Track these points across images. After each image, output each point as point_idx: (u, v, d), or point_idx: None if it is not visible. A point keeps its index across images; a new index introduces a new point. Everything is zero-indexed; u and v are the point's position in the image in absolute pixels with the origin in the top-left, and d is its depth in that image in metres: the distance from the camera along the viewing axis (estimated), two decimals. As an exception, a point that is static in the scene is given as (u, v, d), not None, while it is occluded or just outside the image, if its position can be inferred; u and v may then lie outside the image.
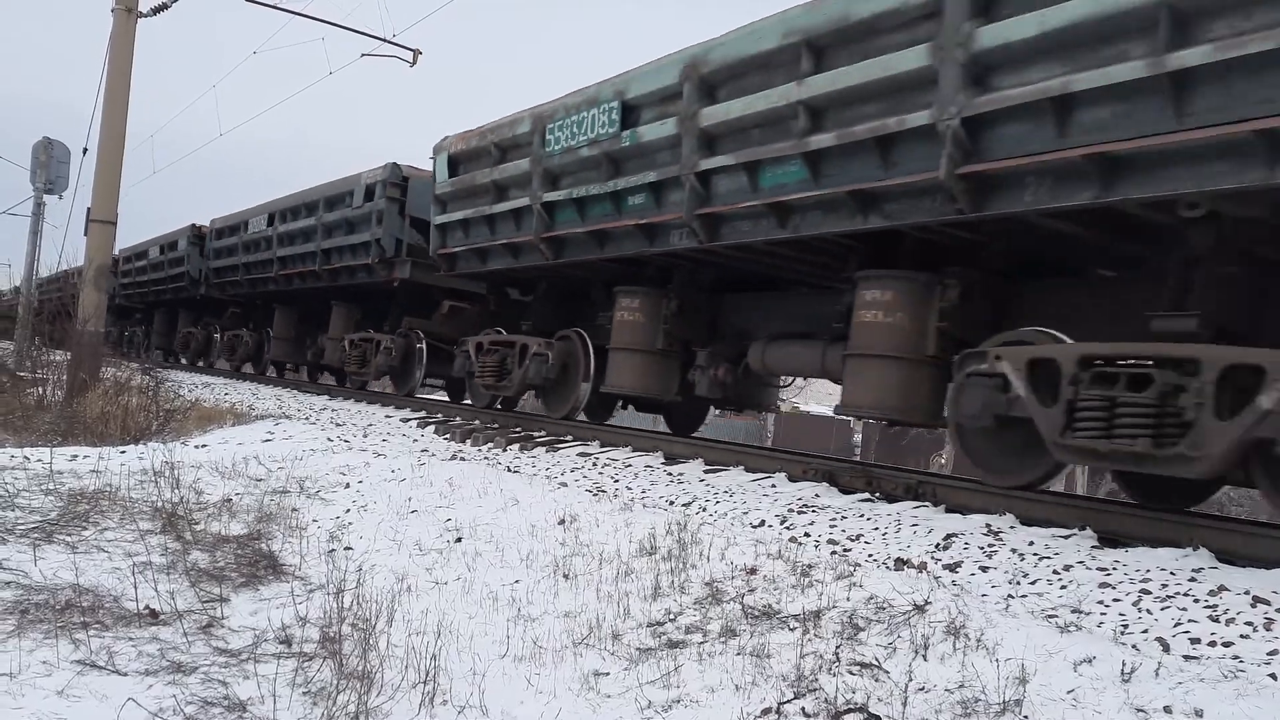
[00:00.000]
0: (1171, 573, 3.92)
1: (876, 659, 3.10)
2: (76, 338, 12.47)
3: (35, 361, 14.12)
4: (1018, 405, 5.09)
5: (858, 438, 27.17)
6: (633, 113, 7.79)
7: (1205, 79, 4.17)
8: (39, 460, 5.94)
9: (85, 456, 6.32)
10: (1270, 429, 4.00)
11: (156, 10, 13.37)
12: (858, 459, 15.51)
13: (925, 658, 3.07)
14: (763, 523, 5.23)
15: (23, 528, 4.52)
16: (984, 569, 4.22)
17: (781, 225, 6.50)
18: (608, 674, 3.31)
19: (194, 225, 20.47)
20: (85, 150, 14.45)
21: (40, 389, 11.69)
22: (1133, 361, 4.62)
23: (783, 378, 9.07)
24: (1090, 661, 2.91)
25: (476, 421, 10.24)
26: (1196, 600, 3.60)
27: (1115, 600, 3.70)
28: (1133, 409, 4.48)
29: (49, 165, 17.15)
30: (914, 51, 5.37)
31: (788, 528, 5.08)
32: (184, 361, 22.69)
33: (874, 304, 6.24)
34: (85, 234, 12.91)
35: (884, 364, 6.18)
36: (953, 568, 4.26)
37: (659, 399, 9.35)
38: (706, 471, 6.84)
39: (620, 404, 10.84)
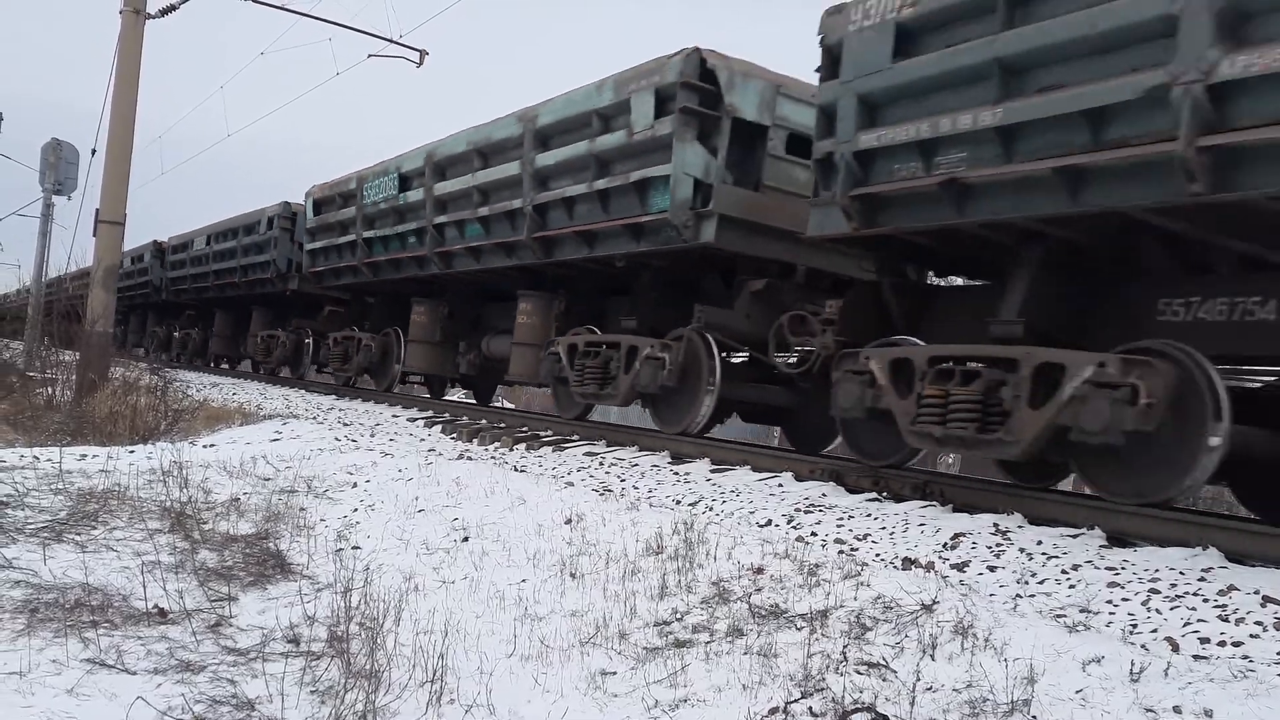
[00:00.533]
0: (1181, 572, 3.90)
1: (884, 658, 3.10)
2: (85, 338, 12.51)
3: (44, 361, 14.17)
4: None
5: None
6: (406, 181, 12.21)
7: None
8: (48, 460, 5.97)
9: (94, 456, 6.34)
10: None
11: (164, 12, 13.42)
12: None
13: (933, 657, 3.06)
14: (770, 522, 5.22)
15: (32, 527, 4.54)
16: (992, 568, 4.21)
17: (475, 260, 10.85)
18: (614, 673, 3.31)
19: (155, 241, 24.29)
20: (94, 151, 14.56)
21: (49, 389, 11.74)
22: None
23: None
24: (1099, 661, 2.90)
25: (483, 421, 10.26)
26: (1206, 600, 3.59)
27: (1124, 600, 3.68)
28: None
29: (58, 166, 17.22)
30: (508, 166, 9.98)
31: (795, 527, 5.08)
32: (149, 354, 25.56)
33: (524, 311, 10.42)
34: (94, 235, 12.95)
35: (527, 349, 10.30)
36: (960, 567, 4.25)
37: (441, 374, 13.85)
38: (713, 471, 6.84)
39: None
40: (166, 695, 2.90)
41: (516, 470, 6.83)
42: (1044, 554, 4.31)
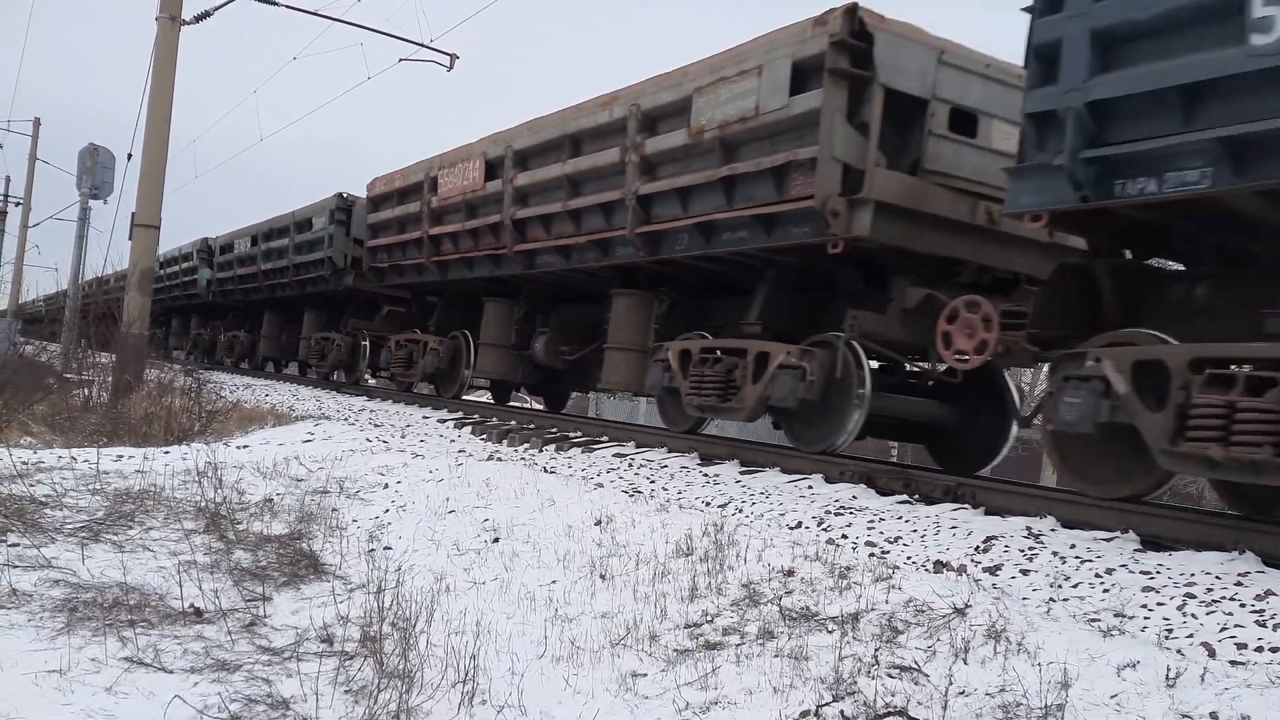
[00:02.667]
0: (1217, 576, 3.86)
1: (916, 662, 3.08)
2: (121, 340, 12.69)
3: (81, 363, 14.38)
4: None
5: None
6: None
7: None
8: (86, 461, 6.06)
9: (130, 457, 6.43)
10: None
11: (199, 18, 13.57)
12: (894, 461, 15.41)
13: (965, 661, 3.05)
14: (800, 524, 5.21)
15: (70, 527, 4.61)
16: (1025, 572, 4.18)
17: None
18: (645, 675, 3.31)
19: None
20: (130, 156, 14.74)
21: (86, 390, 11.91)
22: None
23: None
24: (1134, 666, 2.87)
25: (513, 422, 10.30)
26: (1243, 605, 3.54)
27: (1159, 604, 3.64)
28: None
29: (95, 171, 17.45)
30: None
31: (825, 530, 5.06)
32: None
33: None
34: (130, 238, 13.13)
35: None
36: (993, 570, 4.22)
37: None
38: (742, 473, 6.83)
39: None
40: (203, 694, 2.94)
41: (546, 471, 6.85)
42: (1077, 557, 4.27)
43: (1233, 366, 4.53)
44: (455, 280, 12.53)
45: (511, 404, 15.13)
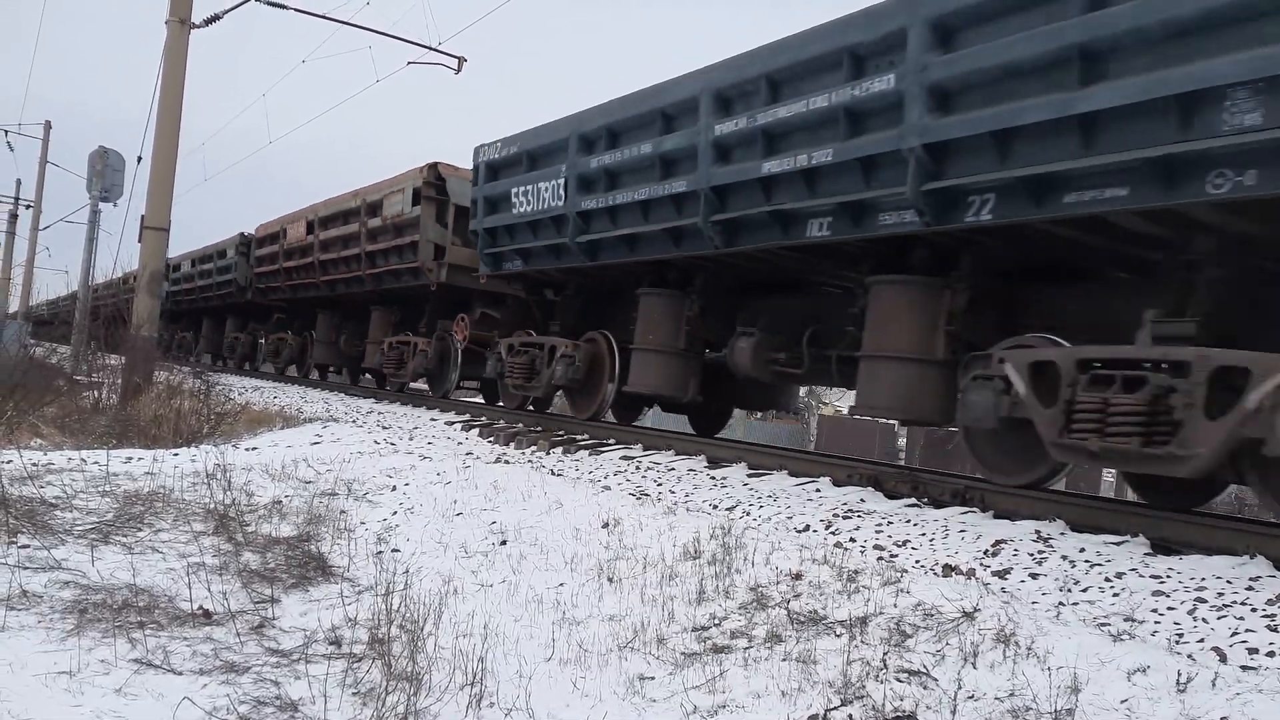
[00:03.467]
0: (1228, 581, 3.84)
1: (925, 666, 3.07)
2: (130, 342, 12.73)
3: (91, 365, 14.44)
4: None
5: (902, 441, 26.87)
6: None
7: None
8: (95, 462, 6.08)
9: (139, 459, 6.45)
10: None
11: (208, 21, 13.63)
12: (903, 463, 15.34)
13: (974, 665, 3.04)
14: (808, 528, 5.20)
15: (80, 528, 4.63)
16: (1034, 576, 4.16)
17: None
18: (653, 678, 3.31)
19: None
20: (139, 159, 14.75)
21: (95, 392, 11.96)
22: None
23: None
24: (1144, 671, 2.86)
25: (520, 425, 10.30)
26: (1254, 609, 3.52)
27: (1170, 609, 3.63)
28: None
29: (105, 174, 17.50)
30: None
31: (833, 533, 5.05)
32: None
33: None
34: (139, 240, 13.18)
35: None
36: (1002, 574, 4.20)
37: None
38: (750, 476, 6.82)
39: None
40: (212, 696, 2.95)
41: (553, 474, 6.85)
42: (1087, 561, 4.26)
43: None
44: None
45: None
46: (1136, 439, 4.65)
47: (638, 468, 7.35)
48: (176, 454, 6.82)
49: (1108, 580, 4.00)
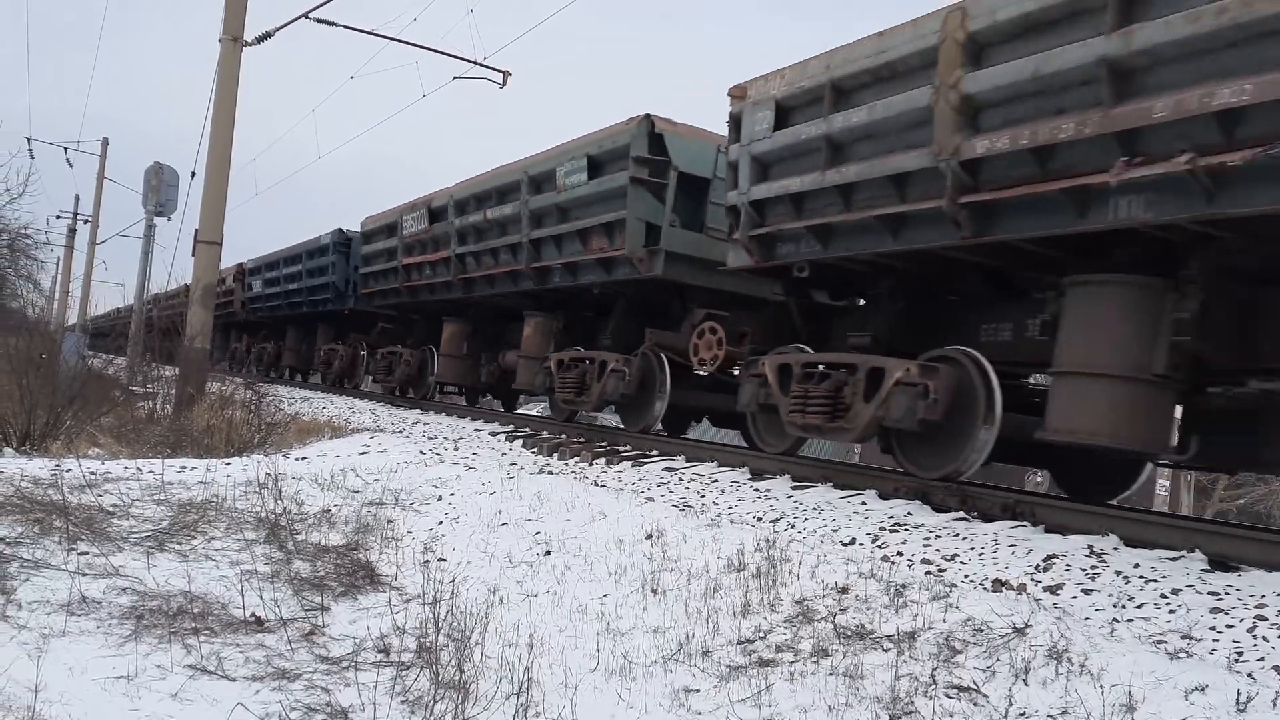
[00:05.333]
0: (1289, 599, 3.74)
1: (975, 682, 3.03)
2: (184, 353, 12.99)
3: (146, 376, 14.75)
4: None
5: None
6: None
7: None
8: (150, 471, 6.21)
9: (193, 468, 6.58)
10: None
11: (260, 39, 13.91)
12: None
13: (1026, 682, 2.99)
14: (854, 541, 5.16)
15: (137, 536, 4.73)
16: (1087, 591, 4.09)
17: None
18: (698, 691, 3.31)
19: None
20: (193, 174, 15.11)
21: (150, 403, 12.21)
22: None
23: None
24: (1202, 690, 2.80)
25: (563, 435, 10.32)
26: (1317, 628, 3.43)
27: (1228, 626, 3.54)
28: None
29: (159, 189, 17.89)
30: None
31: (879, 546, 5.01)
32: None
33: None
34: (193, 254, 13.47)
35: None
36: (1054, 590, 4.13)
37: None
38: (794, 488, 6.78)
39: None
40: (264, 702, 3.00)
41: (597, 485, 6.87)
42: (1142, 577, 4.17)
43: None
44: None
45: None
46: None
47: (681, 479, 7.34)
48: (229, 463, 6.94)
49: (1163, 597, 3.92)
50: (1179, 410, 5.99)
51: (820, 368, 7.03)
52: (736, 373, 8.76)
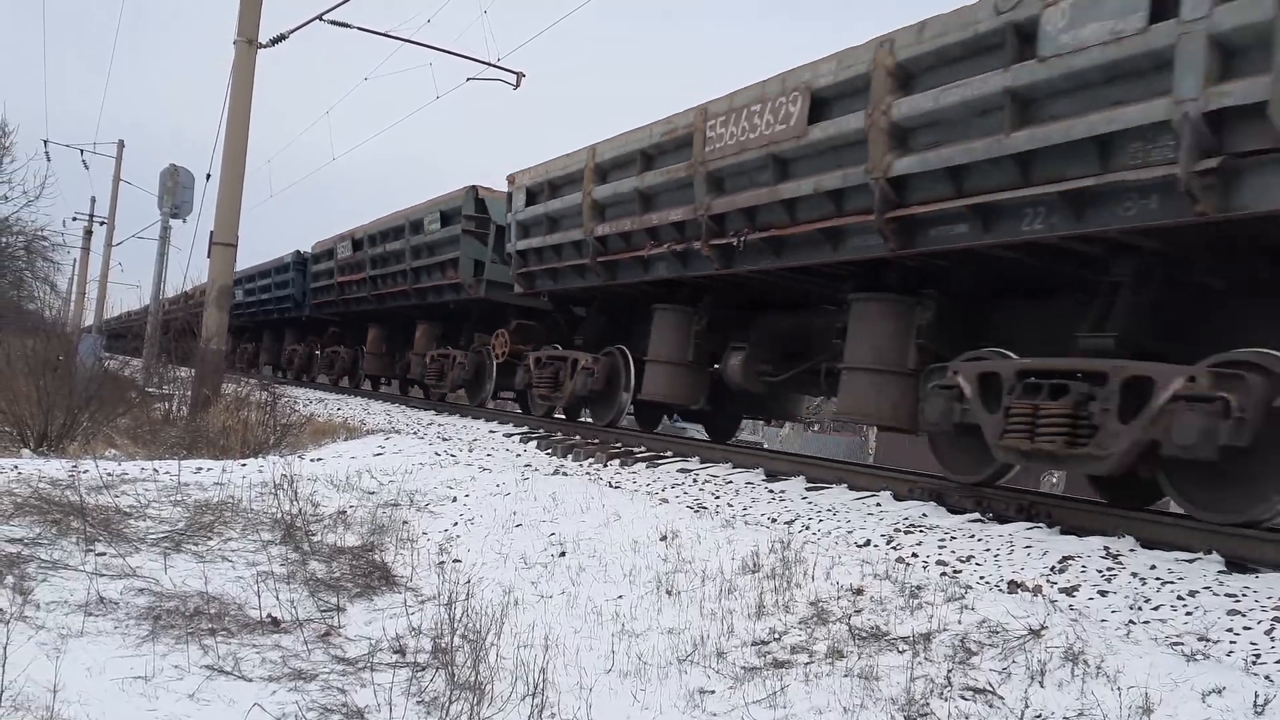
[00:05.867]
0: (1307, 601, 3.71)
1: (990, 684, 3.02)
2: (200, 355, 13.06)
3: (161, 378, 14.84)
4: None
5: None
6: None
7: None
8: (167, 473, 6.25)
9: (209, 469, 6.62)
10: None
11: (274, 41, 13.97)
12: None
13: (1042, 684, 2.98)
14: (868, 542, 5.15)
15: (154, 537, 4.76)
16: (1103, 593, 4.07)
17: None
18: (713, 692, 3.30)
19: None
20: (209, 176, 15.18)
21: (166, 404, 12.29)
22: None
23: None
24: (1220, 692, 2.78)
25: (577, 437, 10.34)
26: (1336, 630, 3.41)
27: (1246, 628, 3.52)
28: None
29: (175, 191, 17.98)
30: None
31: (894, 548, 5.00)
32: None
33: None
34: (208, 256, 13.53)
35: None
36: (1070, 591, 4.12)
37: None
38: (809, 489, 6.78)
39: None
40: (281, 702, 3.01)
41: (611, 486, 6.88)
42: (1158, 579, 4.15)
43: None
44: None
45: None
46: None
47: (695, 480, 7.34)
48: (244, 464, 6.98)
49: (1180, 598, 3.90)
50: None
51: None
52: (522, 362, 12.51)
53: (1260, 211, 4.53)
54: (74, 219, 38.56)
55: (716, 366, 9.67)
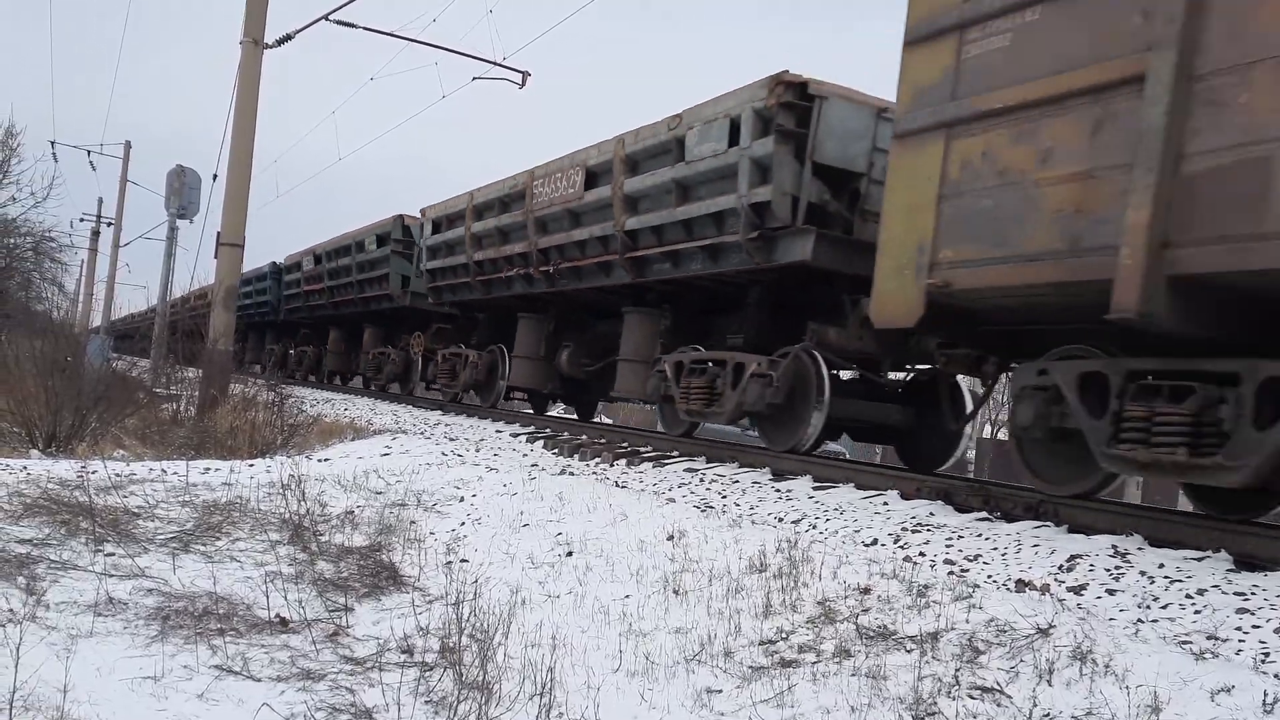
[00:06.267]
0: (1317, 599, 3.70)
1: (998, 683, 3.02)
2: (207, 356, 13.10)
3: (169, 378, 14.88)
4: None
5: (971, 454, 26.32)
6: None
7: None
8: (175, 473, 6.27)
9: (217, 470, 6.64)
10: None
11: (280, 41, 14.00)
12: (971, 477, 15.14)
13: (1050, 683, 2.98)
14: (875, 541, 5.14)
15: (162, 537, 4.78)
16: (1111, 592, 4.06)
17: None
18: (720, 691, 3.31)
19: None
20: (215, 176, 15.22)
21: (174, 404, 12.32)
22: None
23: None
24: (1229, 691, 2.78)
25: (584, 436, 10.36)
26: (1346, 629, 3.39)
27: (1255, 627, 3.51)
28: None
29: (182, 192, 18.06)
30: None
31: (902, 547, 4.99)
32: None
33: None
34: (215, 256, 13.57)
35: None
36: (1077, 590, 4.11)
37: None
38: (815, 488, 6.77)
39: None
40: (290, 702, 3.02)
41: (618, 486, 6.88)
42: (1166, 577, 4.14)
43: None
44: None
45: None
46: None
47: (702, 480, 7.34)
48: (252, 465, 7.00)
49: (1189, 597, 3.88)
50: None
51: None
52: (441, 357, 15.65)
53: (787, 262, 7.81)
54: (81, 220, 38.71)
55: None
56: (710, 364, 8.81)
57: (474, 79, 15.39)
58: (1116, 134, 4.72)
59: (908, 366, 8.72)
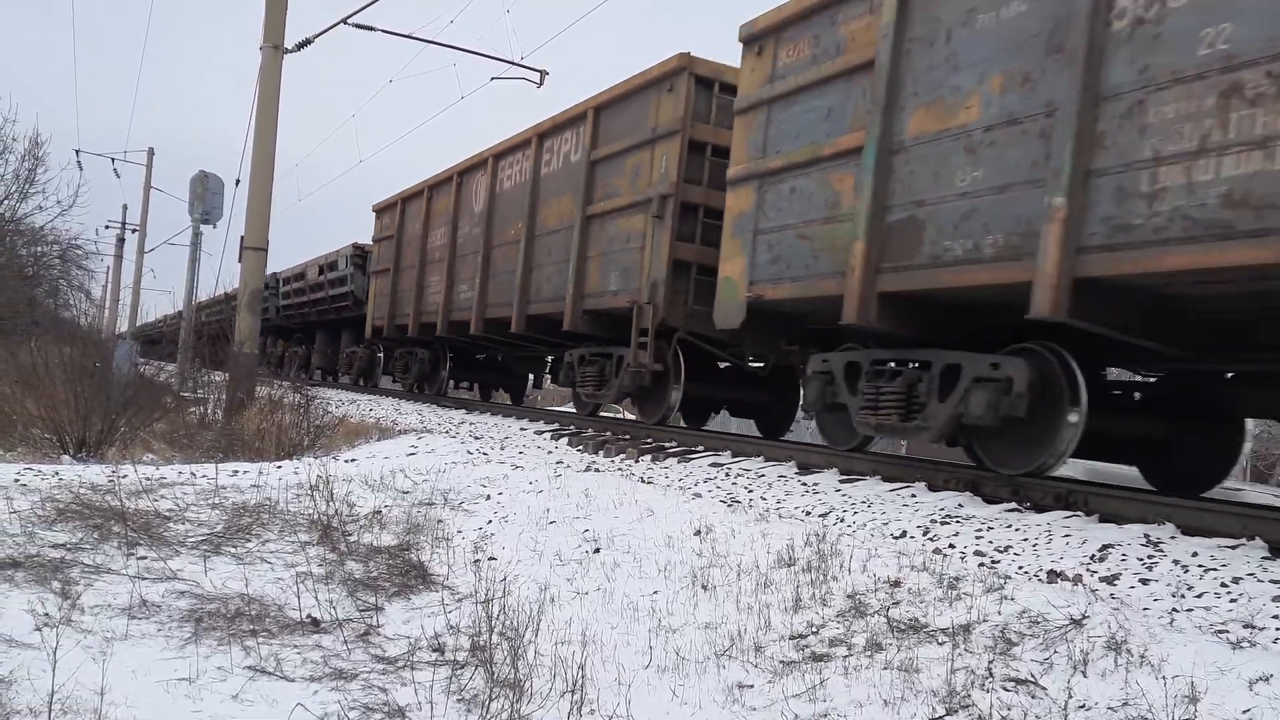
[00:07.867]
0: (1356, 586, 3.65)
1: (1032, 675, 3.00)
2: (234, 359, 13.21)
3: (196, 382, 15.02)
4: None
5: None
6: None
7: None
8: (204, 476, 6.32)
9: (245, 472, 6.68)
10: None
11: (300, 46, 14.08)
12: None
13: (1084, 674, 2.95)
14: (904, 534, 5.12)
15: (193, 540, 4.82)
16: (1144, 581, 4.02)
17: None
18: (751, 686, 3.30)
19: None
20: (238, 181, 15.34)
21: (201, 408, 12.43)
22: None
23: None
24: (1267, 680, 2.74)
25: (608, 433, 10.37)
26: (1386, 616, 3.34)
27: (1293, 615, 3.46)
28: None
29: (205, 197, 18.17)
30: None
31: (931, 539, 4.96)
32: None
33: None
34: (239, 260, 13.67)
35: None
36: (1110, 580, 4.07)
37: None
38: (842, 481, 6.74)
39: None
40: (323, 702, 3.04)
41: (643, 482, 6.88)
42: (1200, 566, 4.09)
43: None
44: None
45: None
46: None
47: (727, 474, 7.32)
48: (280, 466, 7.05)
49: (1224, 585, 3.84)
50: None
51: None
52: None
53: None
54: (106, 226, 39.19)
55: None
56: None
57: (492, 79, 15.44)
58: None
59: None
